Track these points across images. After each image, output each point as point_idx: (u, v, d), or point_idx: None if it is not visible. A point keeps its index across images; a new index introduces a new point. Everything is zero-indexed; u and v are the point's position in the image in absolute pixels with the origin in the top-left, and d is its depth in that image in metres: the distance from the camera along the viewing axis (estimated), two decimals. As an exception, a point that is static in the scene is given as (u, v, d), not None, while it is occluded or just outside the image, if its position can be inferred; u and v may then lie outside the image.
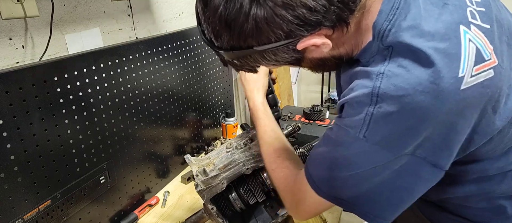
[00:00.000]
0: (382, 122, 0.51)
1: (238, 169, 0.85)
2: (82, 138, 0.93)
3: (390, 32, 0.52)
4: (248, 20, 0.49)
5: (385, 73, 0.50)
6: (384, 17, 0.53)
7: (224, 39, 0.53)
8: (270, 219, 0.93)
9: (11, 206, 0.78)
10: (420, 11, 0.52)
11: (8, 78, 0.74)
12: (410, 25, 0.51)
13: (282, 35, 0.51)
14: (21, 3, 0.82)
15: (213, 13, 0.51)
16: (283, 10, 0.48)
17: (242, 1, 0.48)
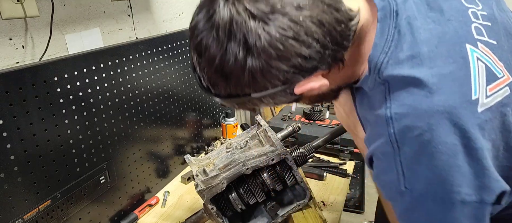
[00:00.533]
0: (414, 166, 0.48)
1: (238, 169, 0.85)
2: (82, 138, 0.93)
3: (388, 65, 0.50)
4: (244, 72, 0.48)
5: (392, 117, 0.49)
6: (379, 50, 0.51)
7: (221, 88, 0.53)
8: (270, 219, 0.93)
9: (11, 206, 0.78)
10: (418, 36, 0.50)
11: (8, 78, 0.74)
12: (409, 55, 0.49)
13: (279, 83, 0.50)
14: (21, 3, 0.82)
15: (208, 64, 0.50)
16: (278, 62, 0.47)
17: (237, 54, 0.47)
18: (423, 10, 0.53)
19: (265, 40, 0.46)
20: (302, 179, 0.92)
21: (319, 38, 0.47)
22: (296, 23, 0.46)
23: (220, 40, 0.47)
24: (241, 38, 0.46)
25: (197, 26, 0.49)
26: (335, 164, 1.34)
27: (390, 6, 0.52)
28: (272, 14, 0.45)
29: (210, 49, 0.48)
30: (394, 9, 0.52)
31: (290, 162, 0.87)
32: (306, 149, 0.95)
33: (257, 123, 0.97)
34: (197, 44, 0.50)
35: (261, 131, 0.94)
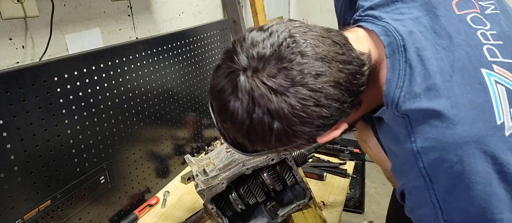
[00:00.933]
0: (451, 199, 0.48)
1: (238, 169, 0.85)
2: (82, 138, 0.93)
3: (405, 99, 0.50)
4: (271, 137, 0.49)
5: (419, 151, 0.48)
6: (393, 85, 0.51)
7: (248, 147, 0.54)
8: (270, 219, 0.93)
9: (11, 206, 0.78)
10: (430, 66, 0.49)
11: (8, 78, 0.74)
12: (424, 87, 0.49)
13: (303, 141, 0.52)
14: (21, 3, 0.82)
15: (235, 129, 0.51)
16: (302, 126, 0.48)
17: (263, 122, 0.48)
18: (431, 38, 0.52)
19: (288, 111, 0.46)
20: (302, 179, 0.92)
21: (338, 98, 0.48)
22: (316, 92, 0.46)
23: (245, 108, 0.48)
24: (265, 109, 0.47)
25: (222, 92, 0.50)
26: (335, 164, 1.34)
27: (396, 41, 0.52)
28: (292, 87, 0.46)
29: (237, 116, 0.49)
30: (401, 44, 0.51)
31: (290, 162, 0.87)
32: (306, 149, 0.95)
33: (257, 123, 0.97)
34: (223, 110, 0.50)
35: (261, 131, 0.94)
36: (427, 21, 0.54)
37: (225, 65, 0.50)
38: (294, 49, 0.46)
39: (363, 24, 0.58)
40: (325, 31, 0.51)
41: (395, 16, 0.56)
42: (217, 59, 1.51)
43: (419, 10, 0.56)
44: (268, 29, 0.50)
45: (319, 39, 0.48)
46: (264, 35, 0.49)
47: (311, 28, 0.50)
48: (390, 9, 0.58)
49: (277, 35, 0.48)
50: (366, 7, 0.60)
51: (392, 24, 0.54)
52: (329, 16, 3.17)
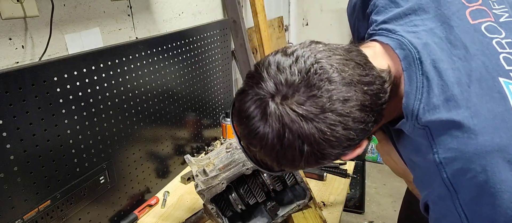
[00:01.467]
0: (476, 208, 0.47)
1: (238, 169, 0.84)
2: (82, 138, 0.92)
3: (424, 111, 0.50)
4: (301, 160, 0.50)
5: (442, 162, 0.49)
6: (412, 98, 0.51)
7: (275, 167, 0.55)
8: (270, 219, 0.93)
9: (10, 206, 0.78)
10: (447, 77, 0.49)
11: (8, 78, 0.74)
12: (443, 99, 0.49)
13: (330, 161, 0.52)
14: (21, 3, 0.81)
15: (265, 153, 0.51)
16: (330, 149, 0.49)
17: (293, 147, 0.48)
18: (446, 49, 0.52)
19: (319, 136, 0.47)
20: (302, 179, 0.92)
21: (364, 119, 0.49)
22: (344, 116, 0.47)
23: (275, 134, 0.48)
24: (296, 135, 0.47)
25: (250, 117, 0.50)
26: (335, 164, 1.34)
27: (411, 54, 0.52)
28: (322, 114, 0.46)
29: (267, 141, 0.49)
30: (417, 57, 0.52)
31: (290, 162, 0.87)
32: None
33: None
34: (252, 135, 0.50)
35: (261, 131, 0.94)
36: (442, 31, 0.54)
37: (251, 91, 0.50)
38: (322, 76, 0.47)
39: (378, 38, 0.59)
40: (346, 52, 0.51)
41: (409, 28, 0.56)
42: (217, 59, 1.51)
43: (432, 21, 0.56)
44: (294, 53, 0.50)
45: (343, 63, 0.49)
46: (290, 60, 0.49)
47: (334, 51, 0.50)
48: (403, 22, 0.58)
49: (303, 60, 0.48)
50: (379, 21, 0.61)
51: (406, 37, 0.54)
52: (329, 16, 3.17)
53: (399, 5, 0.60)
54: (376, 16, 0.63)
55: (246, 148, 0.55)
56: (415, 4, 0.59)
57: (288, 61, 0.49)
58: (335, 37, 3.19)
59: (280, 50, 0.52)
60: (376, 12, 0.64)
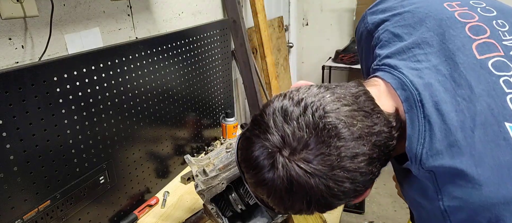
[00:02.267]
0: None
1: (238, 169, 0.84)
2: (82, 138, 0.92)
3: (428, 156, 0.48)
4: (308, 210, 0.51)
5: (447, 210, 0.47)
6: (415, 142, 0.49)
7: (281, 211, 0.55)
8: (270, 219, 0.93)
9: (10, 206, 0.78)
10: (451, 121, 0.47)
11: (8, 78, 0.74)
12: (446, 144, 0.47)
13: (337, 207, 0.53)
14: (20, 3, 0.81)
15: (274, 201, 0.51)
16: (337, 201, 0.49)
17: (300, 197, 0.48)
18: (450, 88, 0.50)
19: (326, 192, 0.47)
20: (302, 179, 0.91)
21: (372, 171, 0.49)
22: (352, 172, 0.47)
23: (283, 187, 0.48)
24: (303, 190, 0.47)
25: (258, 167, 0.49)
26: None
27: (412, 96, 0.51)
28: (330, 171, 0.46)
29: (276, 192, 0.49)
30: (418, 99, 0.50)
31: (290, 162, 0.87)
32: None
33: (257, 123, 0.97)
34: (261, 185, 0.50)
35: (261, 131, 0.94)
36: (446, 68, 0.52)
37: (258, 140, 0.49)
38: (330, 132, 0.46)
39: (381, 74, 0.57)
40: (354, 98, 0.50)
41: (412, 64, 0.55)
42: (217, 59, 1.51)
43: (436, 56, 0.54)
44: (301, 102, 0.49)
45: (352, 115, 0.48)
46: (297, 111, 0.48)
47: (343, 100, 0.49)
48: (406, 56, 0.56)
49: (311, 112, 0.47)
50: (383, 56, 0.60)
51: (408, 76, 0.53)
52: (329, 16, 3.17)
53: (403, 39, 0.59)
54: (380, 50, 0.61)
55: (254, 191, 0.55)
56: (419, 38, 0.57)
57: (295, 111, 0.48)
58: (335, 37, 3.19)
59: (287, 94, 0.51)
60: (380, 46, 0.62)
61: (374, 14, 0.69)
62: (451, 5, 0.61)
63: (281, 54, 2.57)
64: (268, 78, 1.99)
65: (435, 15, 0.59)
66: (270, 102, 0.52)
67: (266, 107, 0.52)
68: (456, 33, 0.55)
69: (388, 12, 0.65)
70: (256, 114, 0.53)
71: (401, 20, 0.62)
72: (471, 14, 0.58)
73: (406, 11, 0.62)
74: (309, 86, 0.53)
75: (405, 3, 0.65)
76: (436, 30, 0.57)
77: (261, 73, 1.97)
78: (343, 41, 3.15)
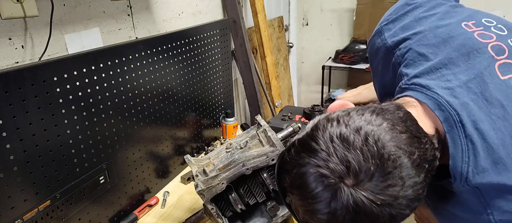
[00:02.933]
0: None
1: (238, 169, 0.84)
2: (82, 138, 0.92)
3: (474, 174, 0.51)
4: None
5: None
6: (459, 160, 0.52)
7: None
8: (269, 219, 0.93)
9: (10, 206, 0.78)
10: (491, 139, 0.50)
11: (8, 78, 0.74)
12: (490, 162, 0.50)
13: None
14: (20, 3, 0.81)
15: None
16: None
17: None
18: (484, 107, 0.53)
19: (388, 220, 0.48)
20: (302, 179, 0.91)
21: (423, 196, 0.50)
22: (413, 199, 0.48)
23: (346, 218, 0.48)
24: (367, 219, 0.48)
25: (317, 197, 0.49)
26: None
27: (452, 117, 0.53)
28: (395, 201, 0.47)
29: (336, 221, 0.49)
30: (457, 120, 0.52)
31: (290, 162, 0.87)
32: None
33: (257, 123, 0.97)
34: (319, 214, 0.50)
35: (261, 131, 0.94)
36: (476, 87, 0.54)
37: (311, 167, 0.49)
38: (395, 163, 0.47)
39: (413, 94, 0.59)
40: (403, 123, 0.51)
41: (442, 84, 0.56)
42: (217, 59, 1.51)
43: (465, 74, 0.56)
44: (361, 130, 0.49)
45: (410, 143, 0.49)
46: (359, 140, 0.48)
47: (397, 125, 0.50)
48: (435, 76, 0.58)
49: (374, 141, 0.47)
50: (411, 75, 0.61)
51: (443, 96, 0.54)
52: (329, 16, 3.17)
53: (428, 59, 0.61)
54: (406, 69, 0.63)
55: (303, 218, 0.54)
56: (445, 58, 0.59)
57: (357, 141, 0.48)
58: (335, 37, 3.19)
59: (340, 120, 0.51)
60: (405, 64, 0.64)
61: (391, 30, 0.70)
62: (468, 25, 0.63)
63: (281, 54, 2.57)
64: (268, 78, 2.00)
65: (458, 35, 0.61)
66: (319, 126, 0.52)
67: (316, 131, 0.51)
68: (480, 53, 0.58)
69: (408, 30, 0.67)
70: (303, 137, 0.53)
71: (424, 39, 0.63)
72: (489, 34, 0.61)
73: (427, 30, 0.64)
74: (356, 110, 0.53)
75: (422, 22, 0.66)
76: (461, 50, 0.59)
77: (261, 73, 1.97)
78: (343, 41, 3.15)
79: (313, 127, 0.53)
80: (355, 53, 2.88)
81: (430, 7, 0.70)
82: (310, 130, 0.53)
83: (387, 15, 0.75)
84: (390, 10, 0.76)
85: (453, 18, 0.66)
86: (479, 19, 0.65)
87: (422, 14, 0.69)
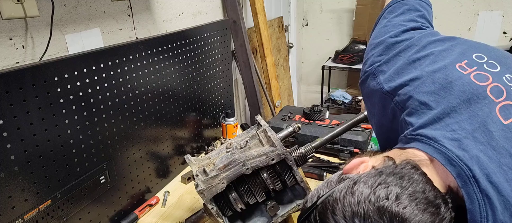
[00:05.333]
0: None
1: (238, 169, 0.85)
2: (82, 138, 0.93)
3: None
4: None
5: None
6: (478, 216, 0.52)
7: None
8: (269, 219, 0.93)
9: (11, 206, 0.78)
10: (506, 192, 0.51)
11: (9, 78, 0.74)
12: (509, 215, 0.51)
13: None
14: (21, 3, 0.82)
15: None
16: None
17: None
18: (493, 157, 0.53)
19: None
20: (302, 179, 0.92)
21: None
22: None
23: None
24: None
25: None
26: (335, 164, 1.34)
27: (464, 172, 0.53)
28: None
29: None
30: (470, 175, 0.53)
31: (290, 162, 0.87)
32: (306, 149, 0.95)
33: (257, 123, 0.97)
34: None
35: (261, 131, 0.94)
36: (482, 136, 0.55)
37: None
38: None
39: (420, 146, 0.59)
40: (425, 195, 0.52)
41: (449, 135, 0.57)
42: (217, 59, 1.51)
43: (469, 123, 0.57)
44: (385, 212, 0.50)
45: (433, 220, 0.51)
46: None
47: (418, 202, 0.51)
48: (439, 126, 0.59)
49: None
50: (416, 126, 0.61)
51: (452, 150, 0.55)
52: (329, 16, 3.17)
53: (431, 107, 0.61)
54: (409, 117, 0.63)
55: None
56: (448, 107, 0.59)
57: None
58: (335, 37, 3.20)
59: (362, 195, 0.52)
60: (408, 113, 0.64)
61: (385, 73, 0.70)
62: (463, 67, 0.64)
63: (281, 54, 2.57)
64: (268, 78, 2.00)
65: (455, 80, 0.61)
66: (338, 199, 0.53)
67: (336, 207, 0.53)
68: (480, 99, 0.58)
69: (404, 75, 0.67)
70: (320, 209, 0.54)
71: (423, 86, 0.64)
72: (485, 75, 0.62)
73: (424, 76, 0.64)
74: (379, 182, 0.54)
75: (417, 66, 0.67)
76: (461, 96, 0.59)
77: (261, 73, 1.98)
78: (343, 41, 3.15)
79: (333, 199, 0.54)
80: (355, 53, 2.89)
81: (422, 47, 0.70)
82: (330, 203, 0.53)
83: (377, 55, 0.74)
84: (377, 46, 0.76)
85: (446, 59, 0.66)
86: (470, 57, 0.65)
87: (414, 56, 0.69)
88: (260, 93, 1.86)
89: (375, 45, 0.76)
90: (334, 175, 0.62)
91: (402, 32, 0.75)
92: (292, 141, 1.43)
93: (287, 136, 0.97)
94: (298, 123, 1.08)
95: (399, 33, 0.75)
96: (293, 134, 0.99)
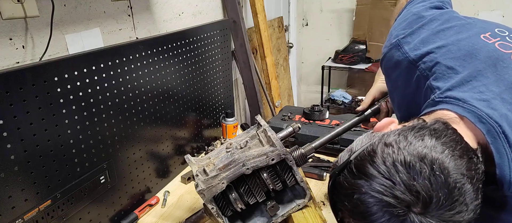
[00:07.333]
0: None
1: (238, 169, 0.85)
2: (82, 138, 0.93)
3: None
4: None
5: None
6: (506, 169, 0.54)
7: None
8: (269, 218, 0.93)
9: (11, 206, 0.78)
10: None
11: (9, 78, 0.74)
12: None
13: None
14: (21, 3, 0.82)
15: None
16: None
17: None
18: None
19: None
20: (302, 179, 0.92)
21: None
22: (473, 220, 0.51)
23: None
24: None
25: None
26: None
27: (494, 129, 0.55)
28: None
29: None
30: (500, 131, 0.55)
31: (290, 162, 0.88)
32: (306, 149, 0.95)
33: (257, 123, 0.97)
34: None
35: (261, 131, 0.94)
36: (510, 96, 0.57)
37: (374, 194, 0.49)
38: (461, 190, 0.49)
39: (450, 107, 0.60)
40: (460, 147, 0.53)
41: (477, 96, 0.59)
42: (217, 59, 1.51)
43: (496, 85, 0.59)
44: (425, 158, 0.50)
45: (469, 167, 0.51)
46: (425, 169, 0.49)
47: (455, 150, 0.52)
48: (467, 88, 0.60)
49: (440, 170, 0.49)
50: (444, 89, 0.63)
51: (482, 109, 0.57)
52: (329, 16, 3.17)
53: (457, 72, 0.63)
54: (437, 82, 0.64)
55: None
56: (474, 71, 0.61)
57: (423, 169, 0.49)
58: (335, 37, 3.20)
59: (400, 144, 0.52)
60: (434, 78, 0.65)
61: (410, 44, 0.72)
62: (487, 38, 0.66)
63: (281, 54, 2.57)
64: (268, 78, 2.00)
65: (481, 47, 0.64)
66: (376, 150, 0.53)
67: (374, 156, 0.52)
68: (506, 64, 0.61)
69: (429, 44, 0.69)
70: (356, 160, 0.54)
71: (449, 53, 0.65)
72: (508, 45, 0.64)
73: (449, 44, 0.66)
74: (413, 133, 0.54)
75: (442, 36, 0.69)
76: (487, 61, 0.62)
77: (261, 73, 1.98)
78: (343, 41, 3.15)
79: (370, 150, 0.53)
80: (355, 53, 2.89)
81: (445, 20, 0.72)
82: (367, 154, 0.53)
83: (400, 29, 0.76)
84: (400, 23, 0.78)
85: (470, 31, 0.68)
86: (492, 30, 0.68)
87: (439, 27, 0.71)
88: (260, 93, 1.86)
89: (399, 23, 0.79)
90: (364, 134, 0.62)
91: (425, 10, 0.78)
92: (292, 141, 1.43)
93: (287, 136, 0.97)
94: (298, 123, 1.08)
95: (422, 10, 0.77)
96: (293, 134, 0.99)
